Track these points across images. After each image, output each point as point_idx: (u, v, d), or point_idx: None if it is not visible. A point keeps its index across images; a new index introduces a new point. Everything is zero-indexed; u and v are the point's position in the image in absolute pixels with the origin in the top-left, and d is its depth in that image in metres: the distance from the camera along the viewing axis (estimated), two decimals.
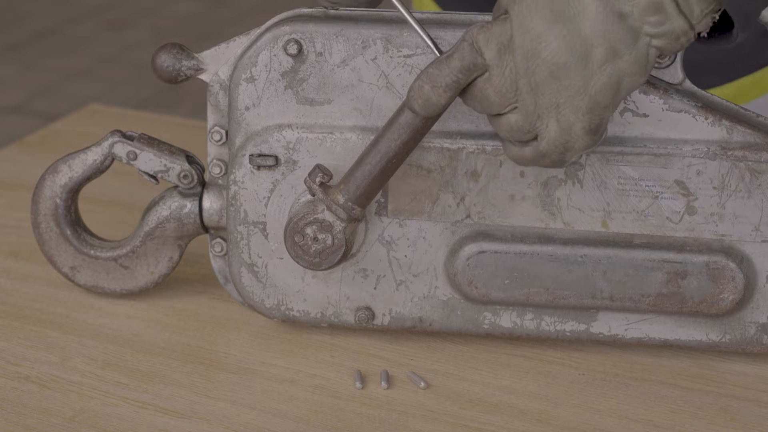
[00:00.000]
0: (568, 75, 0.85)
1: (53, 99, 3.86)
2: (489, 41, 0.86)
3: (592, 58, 0.85)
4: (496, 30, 0.86)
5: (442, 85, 0.88)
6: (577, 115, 0.86)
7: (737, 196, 0.95)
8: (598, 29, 0.84)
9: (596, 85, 0.85)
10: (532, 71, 0.85)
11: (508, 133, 0.89)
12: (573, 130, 0.87)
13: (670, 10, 0.83)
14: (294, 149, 0.98)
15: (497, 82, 0.87)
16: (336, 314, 1.02)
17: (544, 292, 0.98)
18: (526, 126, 0.87)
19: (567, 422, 0.93)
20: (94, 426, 0.92)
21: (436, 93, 0.88)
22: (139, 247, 1.06)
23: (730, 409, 0.95)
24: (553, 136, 0.87)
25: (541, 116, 0.87)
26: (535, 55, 0.85)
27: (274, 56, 0.97)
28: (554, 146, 0.88)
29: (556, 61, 0.85)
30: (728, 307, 0.97)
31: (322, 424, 0.93)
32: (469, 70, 0.87)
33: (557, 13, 0.84)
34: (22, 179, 1.33)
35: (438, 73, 0.88)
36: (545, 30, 0.85)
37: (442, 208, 0.98)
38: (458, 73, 0.87)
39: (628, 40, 0.84)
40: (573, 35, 0.84)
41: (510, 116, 0.88)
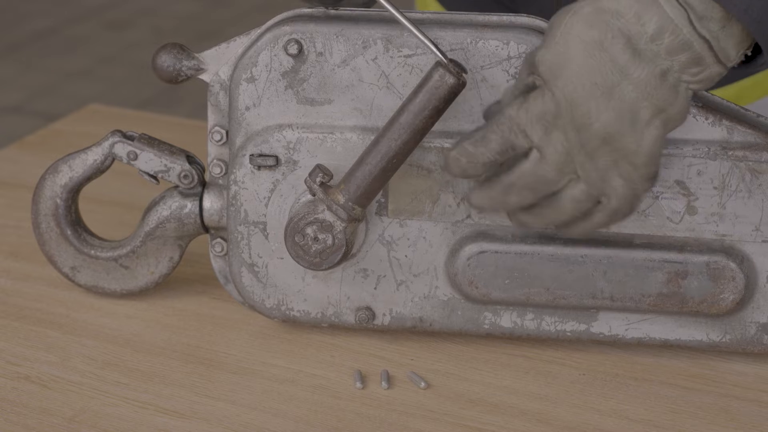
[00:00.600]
0: (621, 140, 0.86)
1: (53, 99, 3.86)
2: (534, 123, 0.87)
3: (640, 119, 0.86)
4: (536, 109, 0.87)
5: (480, 163, 0.89)
6: (636, 168, 0.87)
7: (738, 196, 0.95)
8: (641, 93, 0.85)
9: (648, 141, 0.86)
10: (586, 141, 0.86)
11: (575, 209, 0.89)
12: (635, 181, 0.88)
13: (710, 61, 0.85)
14: (294, 149, 0.98)
15: (553, 159, 0.87)
16: (336, 314, 1.02)
17: (545, 292, 0.98)
18: (594, 191, 0.88)
19: (567, 422, 0.93)
20: (94, 426, 0.92)
21: (473, 168, 0.90)
22: (140, 247, 1.06)
23: (730, 409, 0.95)
24: (621, 191, 0.88)
25: (604, 178, 0.87)
26: (586, 128, 0.86)
27: (274, 56, 0.97)
28: (625, 200, 0.89)
29: (609, 131, 0.86)
30: (728, 307, 0.97)
31: (322, 424, 0.93)
32: (507, 152, 0.88)
33: (600, 84, 0.85)
34: (22, 179, 1.33)
35: (475, 152, 0.89)
36: (593, 104, 0.85)
37: (442, 208, 0.98)
38: (497, 155, 0.88)
39: (672, 96, 0.86)
40: (619, 104, 0.85)
41: (571, 190, 0.88)
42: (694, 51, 0.84)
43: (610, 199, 0.88)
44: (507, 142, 0.88)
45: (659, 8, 0.84)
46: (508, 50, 0.95)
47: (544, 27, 0.95)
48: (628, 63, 0.85)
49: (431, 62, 0.95)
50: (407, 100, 0.91)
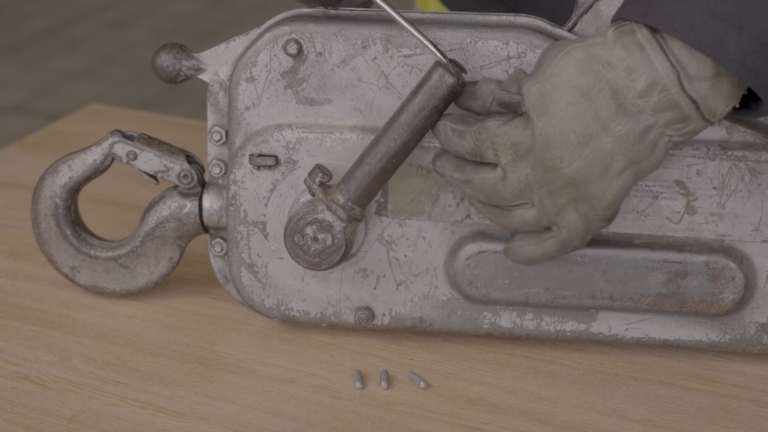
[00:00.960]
0: (587, 186, 0.87)
1: (53, 99, 3.86)
2: (506, 148, 0.88)
3: (611, 170, 0.87)
4: (514, 136, 0.88)
5: (453, 149, 0.91)
6: (594, 211, 0.89)
7: (737, 196, 0.95)
8: (618, 147, 0.86)
9: (612, 191, 0.88)
10: (551, 181, 0.87)
11: (520, 225, 0.91)
12: (590, 218, 0.89)
13: (694, 118, 0.85)
14: (294, 149, 0.98)
15: (513, 185, 0.89)
16: (336, 314, 1.02)
17: (544, 292, 0.98)
18: (544, 221, 0.90)
19: (567, 422, 0.93)
20: (94, 426, 0.92)
21: (450, 146, 0.91)
22: (139, 247, 1.06)
23: (730, 409, 0.95)
24: (575, 224, 0.90)
25: (559, 213, 0.89)
26: (555, 171, 0.87)
27: (274, 56, 0.97)
28: (576, 233, 0.90)
29: (576, 177, 0.87)
30: (728, 307, 0.97)
31: (322, 424, 0.93)
32: (476, 156, 0.90)
33: (579, 133, 0.86)
34: (22, 179, 1.33)
35: (452, 137, 0.90)
36: (567, 152, 0.86)
37: (442, 208, 0.98)
38: (466, 154, 0.90)
39: (649, 150, 0.87)
40: (593, 154, 0.86)
41: (523, 211, 0.90)
42: (681, 111, 0.85)
43: (561, 230, 0.90)
44: (477, 151, 0.89)
45: (651, 66, 0.84)
46: (507, 50, 0.95)
47: (544, 27, 0.95)
48: (611, 117, 0.85)
49: (431, 62, 0.95)
50: (407, 100, 0.91)
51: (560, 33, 0.95)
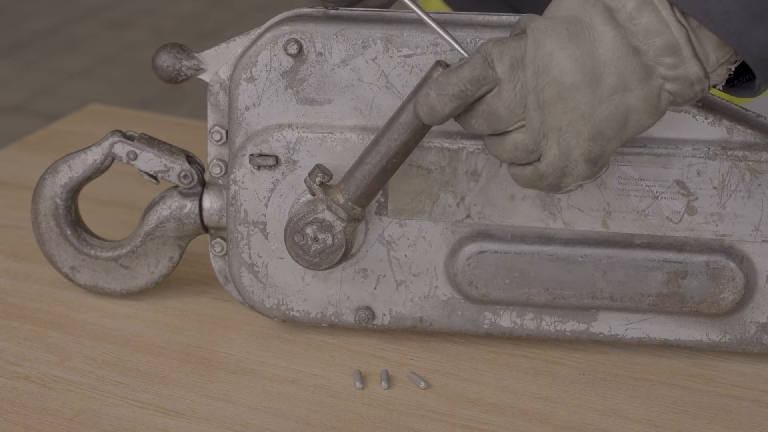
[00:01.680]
0: (575, 97, 0.85)
1: (53, 99, 3.86)
2: (503, 55, 0.86)
3: (602, 86, 0.85)
4: (510, 45, 0.86)
5: (449, 94, 0.87)
6: (578, 140, 0.86)
7: (737, 196, 0.95)
8: (611, 57, 0.84)
9: (602, 114, 0.85)
10: (541, 88, 0.85)
11: (512, 153, 0.89)
12: (572, 155, 0.87)
13: (686, 54, 0.84)
14: (294, 149, 0.98)
15: (507, 97, 0.87)
16: (336, 314, 1.02)
17: (544, 292, 0.98)
18: (531, 145, 0.87)
19: (567, 422, 0.93)
20: (94, 426, 0.92)
21: (441, 101, 0.88)
22: (140, 247, 1.06)
23: (730, 409, 0.95)
24: (552, 159, 0.87)
25: (545, 135, 0.87)
26: (545, 72, 0.85)
27: (274, 56, 0.97)
28: (552, 169, 0.88)
29: (565, 81, 0.85)
30: (728, 307, 0.97)
31: (322, 424, 0.93)
32: (479, 82, 0.87)
33: (573, 34, 0.85)
34: (22, 179, 1.33)
35: (446, 82, 0.88)
36: (558, 48, 0.85)
37: (442, 207, 0.98)
38: (467, 83, 0.87)
39: (641, 75, 0.84)
40: (585, 57, 0.84)
41: (516, 135, 0.88)
42: (671, 35, 0.83)
43: (541, 161, 0.88)
44: (478, 72, 0.87)
45: None
46: None
47: None
48: (604, 25, 0.84)
49: (431, 62, 0.95)
50: (407, 99, 0.91)
51: None
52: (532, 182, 0.90)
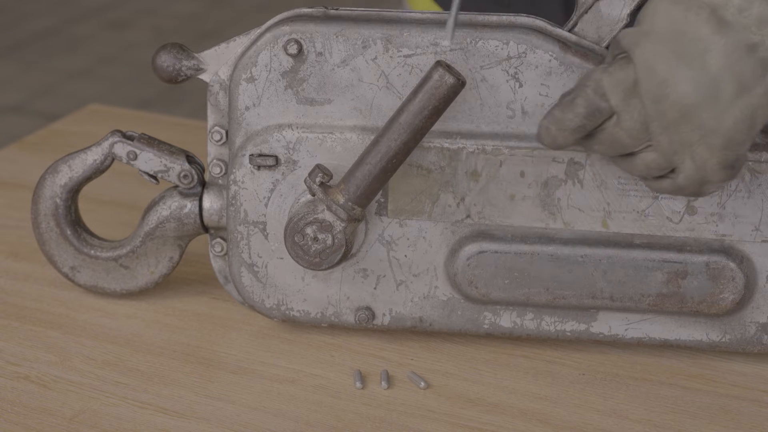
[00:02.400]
0: (699, 114, 0.84)
1: (53, 99, 3.86)
2: (614, 87, 0.86)
3: (722, 96, 0.84)
4: (619, 74, 0.86)
5: (569, 129, 0.88)
6: (711, 152, 0.86)
7: (737, 195, 0.95)
8: (725, 65, 0.83)
9: (728, 122, 0.84)
10: (662, 113, 0.85)
11: (644, 171, 0.89)
12: (708, 165, 0.86)
13: None
14: (294, 149, 0.98)
15: (628, 125, 0.87)
16: (336, 314, 1.02)
17: (544, 292, 0.98)
18: (663, 163, 0.88)
19: (567, 422, 0.93)
20: (94, 426, 0.92)
21: (562, 135, 0.89)
22: (139, 247, 1.06)
23: (730, 409, 0.95)
24: (689, 172, 0.87)
25: (676, 152, 0.87)
26: (663, 98, 0.85)
27: (274, 56, 0.97)
28: (691, 181, 0.88)
29: (685, 102, 0.84)
30: (728, 307, 0.97)
31: (322, 424, 0.93)
32: (594, 116, 0.87)
33: (680, 54, 0.84)
34: (22, 179, 1.33)
35: (563, 117, 0.88)
36: (671, 74, 0.84)
37: (442, 208, 0.98)
38: (583, 119, 0.88)
39: (759, 72, 0.83)
40: (700, 75, 0.83)
41: (645, 155, 0.88)
42: None
43: (678, 175, 0.88)
44: (592, 105, 0.87)
45: None
46: (507, 50, 0.95)
47: (544, 27, 0.95)
48: (713, 33, 0.83)
49: (431, 62, 0.95)
50: (407, 99, 0.91)
51: (560, 33, 0.95)
52: (672, 193, 0.90)
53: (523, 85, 0.95)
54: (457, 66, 0.95)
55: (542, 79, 0.95)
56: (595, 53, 0.95)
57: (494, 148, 0.96)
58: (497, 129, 0.96)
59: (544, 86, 0.95)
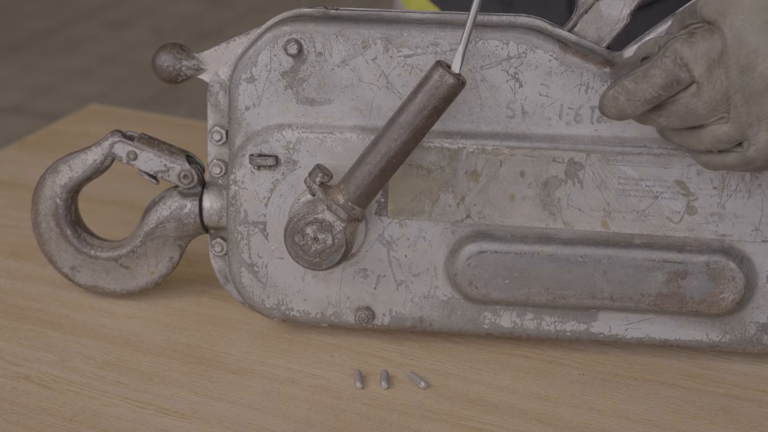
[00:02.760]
0: None
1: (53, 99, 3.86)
2: (698, 57, 0.85)
3: None
4: (703, 45, 0.85)
5: (641, 100, 0.87)
6: None
7: (737, 196, 0.95)
8: None
9: None
10: (747, 84, 0.84)
11: (712, 144, 0.88)
12: None
13: None
14: (294, 149, 0.98)
15: (708, 96, 0.86)
16: (336, 314, 1.02)
17: (544, 292, 0.98)
18: (736, 135, 0.87)
19: (567, 422, 0.93)
20: (94, 426, 0.92)
21: (632, 106, 0.88)
22: (139, 247, 1.06)
23: (730, 409, 0.95)
24: (762, 145, 0.86)
25: (751, 125, 0.86)
26: (751, 70, 0.84)
27: (274, 56, 0.97)
28: (762, 153, 0.87)
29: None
30: (728, 307, 0.97)
31: (322, 424, 0.93)
32: (672, 87, 0.86)
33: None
34: (22, 179, 1.33)
35: (636, 88, 0.87)
36: (763, 44, 0.83)
37: (442, 208, 0.98)
38: (660, 90, 0.87)
39: None
40: None
41: (716, 127, 0.87)
42: None
43: (749, 147, 0.87)
44: (671, 76, 0.86)
45: None
46: (508, 50, 0.95)
47: (544, 27, 0.95)
48: None
49: (431, 62, 0.95)
50: (407, 99, 0.91)
51: (560, 33, 0.95)
52: (734, 167, 0.89)
53: (523, 85, 0.95)
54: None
55: (542, 79, 0.95)
56: (595, 53, 0.95)
57: (494, 148, 0.96)
58: (497, 129, 0.96)
59: (544, 86, 0.95)
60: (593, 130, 0.95)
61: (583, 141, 0.96)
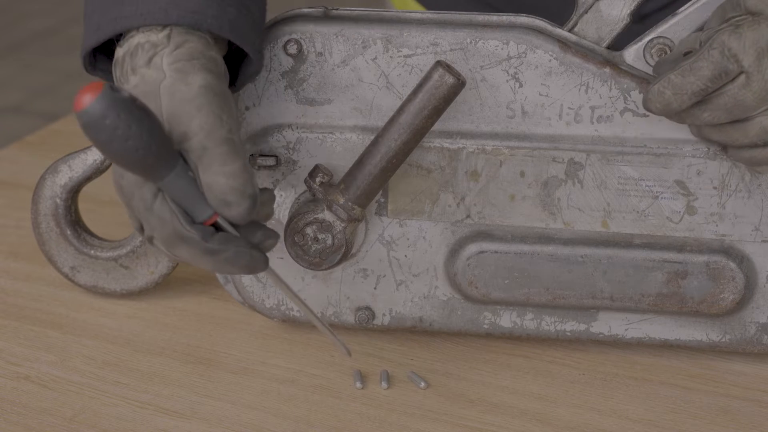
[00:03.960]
0: None
1: (53, 99, 3.86)
2: (746, 47, 0.85)
3: None
4: (751, 35, 0.85)
5: (688, 93, 0.87)
6: None
7: (737, 196, 0.95)
8: None
9: None
10: None
11: (759, 136, 0.88)
12: None
13: None
14: (294, 149, 0.98)
15: (758, 87, 0.85)
16: (336, 314, 1.02)
17: (544, 292, 0.98)
18: None
19: (567, 422, 0.93)
20: (94, 426, 0.92)
21: (678, 100, 0.88)
22: (139, 247, 1.06)
23: (730, 409, 0.95)
24: None
25: None
26: None
27: (274, 56, 0.97)
28: None
29: None
30: (728, 307, 0.97)
31: (322, 424, 0.93)
32: (720, 79, 0.86)
33: None
34: (22, 179, 1.33)
35: (683, 82, 0.87)
36: None
37: (442, 208, 0.98)
38: (708, 81, 0.86)
39: None
40: None
41: (763, 118, 0.87)
42: None
43: None
44: (719, 68, 0.86)
45: None
46: (507, 50, 0.95)
47: (544, 27, 0.95)
48: None
49: (431, 62, 0.95)
50: (407, 100, 0.91)
51: (560, 33, 0.95)
52: None
53: (523, 85, 0.95)
54: (457, 66, 0.95)
55: (542, 79, 0.95)
56: (595, 53, 0.95)
57: (494, 148, 0.96)
58: (497, 129, 0.96)
59: (544, 86, 0.95)
60: (593, 130, 0.96)
61: (583, 141, 0.96)
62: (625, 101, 0.95)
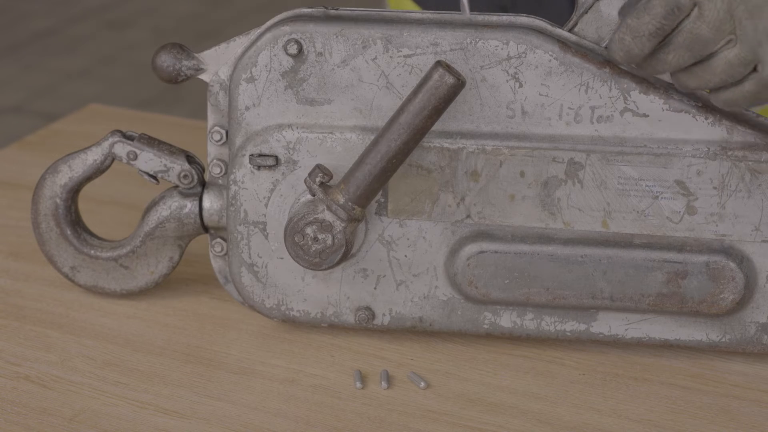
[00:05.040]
0: None
1: (53, 99, 3.86)
2: None
3: None
4: None
5: (645, 34, 0.86)
6: None
7: (737, 196, 0.95)
8: None
9: None
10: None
11: (726, 72, 0.86)
12: None
13: None
14: (294, 149, 0.98)
15: (711, 16, 0.84)
16: (336, 314, 1.02)
17: (544, 292, 0.98)
18: (749, 56, 0.85)
19: (567, 422, 0.93)
20: (94, 426, 0.92)
21: (638, 43, 0.86)
22: (139, 247, 1.06)
23: (730, 409, 0.95)
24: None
25: (761, 42, 0.84)
26: None
27: (274, 56, 0.97)
28: None
29: None
30: (728, 307, 0.97)
31: (322, 424, 0.93)
32: (674, 14, 0.85)
33: None
34: (22, 179, 1.33)
35: (638, 23, 0.86)
36: None
37: (442, 208, 0.98)
38: (662, 19, 0.85)
39: None
40: None
41: (726, 52, 0.86)
42: None
43: (765, 68, 0.85)
44: (671, 3, 0.85)
45: None
46: (507, 50, 0.95)
47: (544, 27, 0.95)
48: None
49: (431, 62, 0.95)
50: (407, 100, 0.91)
51: (560, 33, 0.95)
52: (755, 96, 0.87)
53: (523, 85, 0.95)
54: (457, 66, 0.95)
55: (542, 79, 0.95)
56: (595, 53, 0.95)
57: (494, 148, 0.96)
58: (497, 129, 0.96)
59: (544, 86, 0.95)
60: (593, 130, 0.96)
61: (583, 141, 0.96)
62: (625, 101, 0.95)
